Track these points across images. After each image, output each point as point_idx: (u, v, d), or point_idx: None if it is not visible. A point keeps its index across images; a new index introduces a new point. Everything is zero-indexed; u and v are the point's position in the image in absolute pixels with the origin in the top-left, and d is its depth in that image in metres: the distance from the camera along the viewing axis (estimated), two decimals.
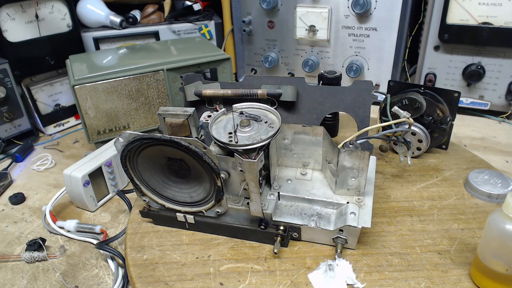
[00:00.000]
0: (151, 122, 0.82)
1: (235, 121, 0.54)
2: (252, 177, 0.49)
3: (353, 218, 0.51)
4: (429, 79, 0.93)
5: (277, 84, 0.66)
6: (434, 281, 0.49)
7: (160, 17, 1.08)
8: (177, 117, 0.58)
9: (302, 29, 0.98)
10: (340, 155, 0.52)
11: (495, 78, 0.87)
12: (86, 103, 0.74)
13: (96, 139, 0.78)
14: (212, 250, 0.56)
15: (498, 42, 0.82)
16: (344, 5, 0.93)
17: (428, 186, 0.67)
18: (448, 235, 0.56)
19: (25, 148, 0.85)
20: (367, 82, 0.63)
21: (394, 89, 0.74)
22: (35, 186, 0.75)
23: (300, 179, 0.59)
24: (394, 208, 0.62)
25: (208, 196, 0.55)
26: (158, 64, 0.79)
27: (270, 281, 0.50)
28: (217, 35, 1.11)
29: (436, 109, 0.70)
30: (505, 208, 0.43)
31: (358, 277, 0.50)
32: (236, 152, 0.50)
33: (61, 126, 0.96)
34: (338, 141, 0.62)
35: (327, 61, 1.02)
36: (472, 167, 0.71)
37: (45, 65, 0.91)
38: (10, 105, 0.85)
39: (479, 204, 0.62)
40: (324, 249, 0.55)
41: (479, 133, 0.87)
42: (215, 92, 0.67)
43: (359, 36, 0.95)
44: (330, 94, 0.66)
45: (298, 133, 0.59)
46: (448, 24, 0.85)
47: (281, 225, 0.54)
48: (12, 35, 0.85)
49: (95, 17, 1.01)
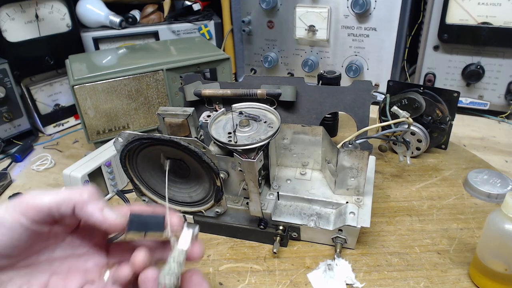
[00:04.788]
0: (151, 122, 0.82)
1: (234, 121, 0.54)
2: (251, 177, 0.49)
3: (352, 218, 0.51)
4: (428, 79, 0.93)
5: (276, 84, 0.66)
6: (433, 281, 0.49)
7: (160, 17, 1.08)
8: (177, 117, 0.58)
9: (302, 29, 0.98)
10: (340, 155, 0.52)
11: (494, 78, 0.87)
12: (86, 103, 0.74)
13: (96, 139, 0.78)
14: (211, 250, 0.56)
15: (497, 42, 0.82)
16: (343, 5, 0.93)
17: (427, 186, 0.67)
18: (448, 235, 0.57)
19: (24, 148, 0.85)
20: (366, 82, 0.64)
21: (394, 89, 0.74)
22: (35, 186, 0.75)
23: (299, 179, 0.60)
24: (394, 208, 0.62)
25: (208, 196, 0.55)
26: (157, 64, 0.79)
27: (269, 280, 0.50)
28: (216, 35, 1.11)
29: (436, 109, 0.70)
30: (504, 208, 0.43)
31: (358, 276, 0.50)
32: (235, 152, 0.50)
33: (60, 126, 0.96)
34: (338, 141, 0.62)
35: (326, 61, 1.02)
36: (471, 167, 0.71)
37: (44, 65, 0.91)
38: (9, 105, 0.84)
39: (479, 204, 0.62)
40: (323, 249, 0.55)
41: (479, 133, 0.87)
42: (214, 92, 0.67)
43: (359, 36, 0.95)
44: (329, 94, 0.66)
45: (297, 133, 0.59)
46: (447, 24, 0.85)
47: (281, 225, 0.54)
48: (12, 35, 0.84)
49: (94, 17, 1.01)
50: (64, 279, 0.37)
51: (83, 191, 0.36)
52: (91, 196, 0.36)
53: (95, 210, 0.36)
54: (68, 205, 0.35)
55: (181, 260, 0.35)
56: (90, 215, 0.36)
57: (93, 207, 0.36)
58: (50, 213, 0.35)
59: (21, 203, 0.34)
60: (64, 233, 0.39)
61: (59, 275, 0.37)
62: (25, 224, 0.34)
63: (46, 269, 0.37)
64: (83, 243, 0.40)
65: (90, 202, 0.36)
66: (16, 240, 0.34)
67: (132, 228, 0.37)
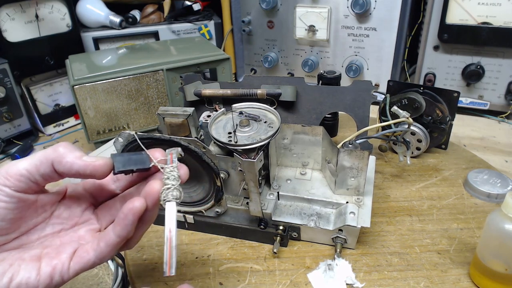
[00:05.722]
0: (151, 122, 0.82)
1: (234, 121, 0.54)
2: (251, 177, 0.49)
3: (352, 217, 0.51)
4: (428, 79, 0.93)
5: (276, 84, 0.66)
6: (434, 281, 0.49)
7: (160, 17, 1.08)
8: (177, 117, 0.58)
9: (302, 29, 0.98)
10: (340, 155, 0.52)
11: (494, 78, 0.87)
12: (86, 103, 0.74)
13: (96, 139, 0.78)
14: (211, 250, 0.56)
15: (497, 42, 0.82)
16: (343, 5, 0.93)
17: (427, 186, 0.67)
18: (448, 235, 0.57)
19: (24, 148, 0.85)
20: (366, 82, 0.64)
21: (394, 89, 0.74)
22: None
23: (299, 179, 0.60)
24: (394, 207, 0.62)
25: (208, 196, 0.55)
26: (157, 64, 0.79)
27: (269, 280, 0.50)
28: (216, 35, 1.11)
29: (436, 109, 0.70)
30: (504, 207, 0.43)
31: (358, 276, 0.50)
32: (235, 152, 0.50)
33: (60, 126, 0.96)
34: (338, 141, 0.62)
35: (326, 61, 1.02)
36: (471, 167, 0.71)
37: (44, 65, 0.91)
38: (9, 105, 0.85)
39: (479, 204, 0.62)
40: (323, 248, 0.55)
41: (479, 133, 0.87)
42: (214, 92, 0.67)
43: (359, 36, 0.95)
44: (329, 94, 0.66)
45: (297, 133, 0.59)
46: (447, 24, 0.85)
47: (281, 225, 0.54)
48: (12, 35, 0.84)
49: (94, 17, 1.01)
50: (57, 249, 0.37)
51: (57, 146, 0.36)
52: (66, 149, 0.36)
53: (75, 159, 0.35)
54: (46, 164, 0.35)
55: (175, 175, 0.36)
56: (70, 165, 0.35)
57: (71, 157, 0.35)
58: (31, 177, 0.34)
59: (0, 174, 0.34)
60: (51, 203, 0.38)
61: (51, 247, 0.37)
62: (9, 193, 0.34)
63: (38, 246, 0.37)
64: (72, 213, 0.40)
65: (66, 154, 0.35)
66: (3, 212, 0.34)
67: (119, 167, 0.36)
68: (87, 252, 0.36)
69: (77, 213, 0.40)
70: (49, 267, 0.35)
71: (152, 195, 0.35)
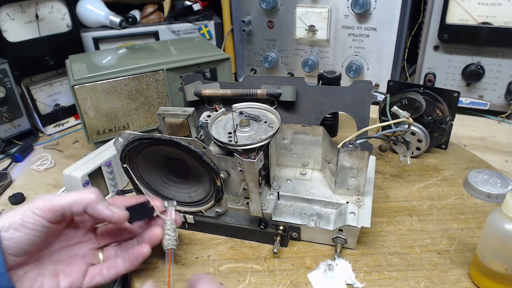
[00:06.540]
0: (151, 122, 0.82)
1: (234, 121, 0.54)
2: (251, 177, 0.49)
3: (352, 218, 0.51)
4: (428, 79, 0.93)
5: (276, 84, 0.66)
6: (434, 281, 0.49)
7: (160, 17, 1.08)
8: (177, 117, 0.58)
9: (302, 29, 0.98)
10: (340, 155, 0.52)
11: (494, 78, 0.87)
12: (86, 103, 0.74)
13: (96, 139, 0.78)
14: (211, 250, 0.56)
15: (497, 42, 0.82)
16: (343, 5, 0.93)
17: (427, 186, 0.67)
18: (448, 235, 0.57)
19: (24, 148, 0.85)
20: (366, 82, 0.63)
21: (394, 89, 0.74)
22: (35, 186, 0.75)
23: (299, 179, 0.60)
24: (394, 208, 0.62)
25: (208, 196, 0.55)
26: (157, 64, 0.79)
27: (269, 281, 0.50)
28: (216, 35, 1.11)
29: (436, 109, 0.70)
30: (505, 207, 0.43)
31: (358, 276, 0.50)
32: (235, 152, 0.50)
33: (60, 126, 0.96)
34: (338, 141, 0.62)
35: (326, 61, 1.02)
36: (471, 167, 0.71)
37: (44, 65, 0.91)
38: (9, 105, 0.84)
39: (479, 204, 0.62)
40: (323, 249, 0.55)
41: (479, 133, 0.87)
42: (214, 92, 0.67)
43: (359, 36, 0.95)
44: (329, 94, 0.66)
45: (297, 133, 0.59)
46: (447, 24, 0.85)
47: (281, 225, 0.54)
48: (12, 35, 0.84)
49: (94, 17, 1.01)
50: (69, 266, 0.45)
51: (91, 192, 0.43)
52: (98, 196, 0.44)
53: (104, 208, 0.44)
54: (80, 205, 0.43)
55: (174, 227, 0.49)
56: (99, 212, 0.43)
57: (102, 206, 0.44)
58: (65, 213, 0.42)
59: (39, 206, 0.40)
60: (63, 228, 0.46)
61: (62, 263, 0.45)
62: (45, 225, 0.40)
63: (49, 261, 0.44)
64: (77, 233, 0.48)
65: (99, 201, 0.43)
66: (35, 238, 0.40)
67: (134, 219, 0.48)
68: (100, 274, 0.46)
69: (81, 233, 0.48)
70: (66, 283, 0.43)
71: (155, 240, 0.48)
